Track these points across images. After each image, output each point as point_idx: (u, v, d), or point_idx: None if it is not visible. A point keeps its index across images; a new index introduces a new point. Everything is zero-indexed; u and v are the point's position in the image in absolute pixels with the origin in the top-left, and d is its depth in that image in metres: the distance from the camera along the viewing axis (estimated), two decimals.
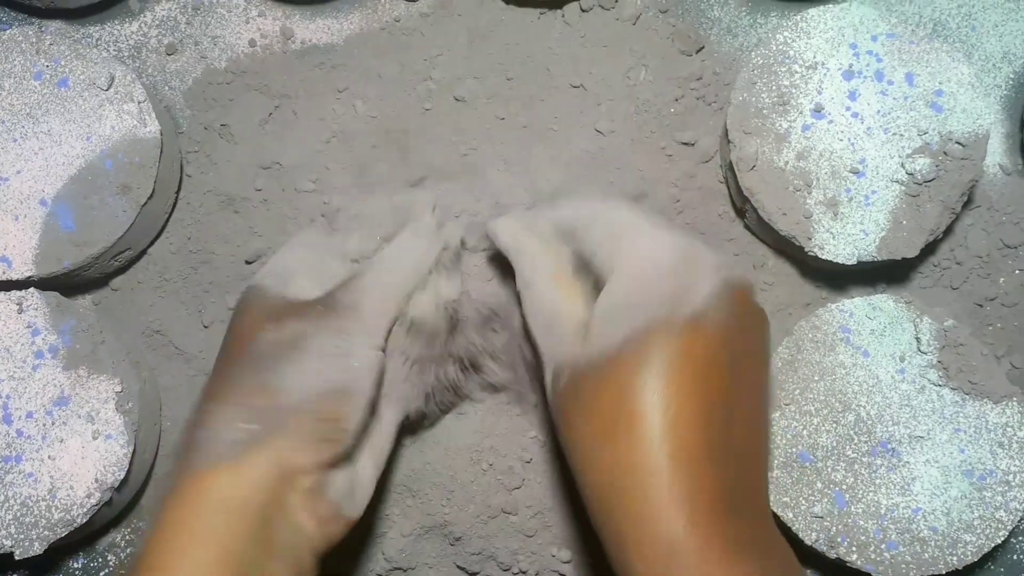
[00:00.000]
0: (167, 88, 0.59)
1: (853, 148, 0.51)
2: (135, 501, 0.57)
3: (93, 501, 0.50)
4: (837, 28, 0.53)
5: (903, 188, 0.51)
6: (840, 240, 0.51)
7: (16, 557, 0.50)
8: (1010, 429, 0.50)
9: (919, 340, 0.51)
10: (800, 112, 0.52)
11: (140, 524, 0.57)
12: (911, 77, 0.52)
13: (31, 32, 0.55)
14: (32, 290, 0.53)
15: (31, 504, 0.50)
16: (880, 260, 0.51)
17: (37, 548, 0.50)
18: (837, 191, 0.51)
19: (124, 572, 0.56)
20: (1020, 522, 0.54)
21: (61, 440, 0.51)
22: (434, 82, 0.56)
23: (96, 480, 0.51)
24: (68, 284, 0.56)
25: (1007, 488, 0.49)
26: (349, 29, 0.59)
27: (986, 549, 0.49)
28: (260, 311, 0.43)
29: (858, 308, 0.51)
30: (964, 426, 0.50)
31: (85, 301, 0.58)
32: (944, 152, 0.51)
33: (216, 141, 0.57)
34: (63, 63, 0.55)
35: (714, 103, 0.56)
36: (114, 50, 0.60)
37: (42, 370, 0.52)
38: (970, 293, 0.55)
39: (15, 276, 0.53)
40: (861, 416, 0.50)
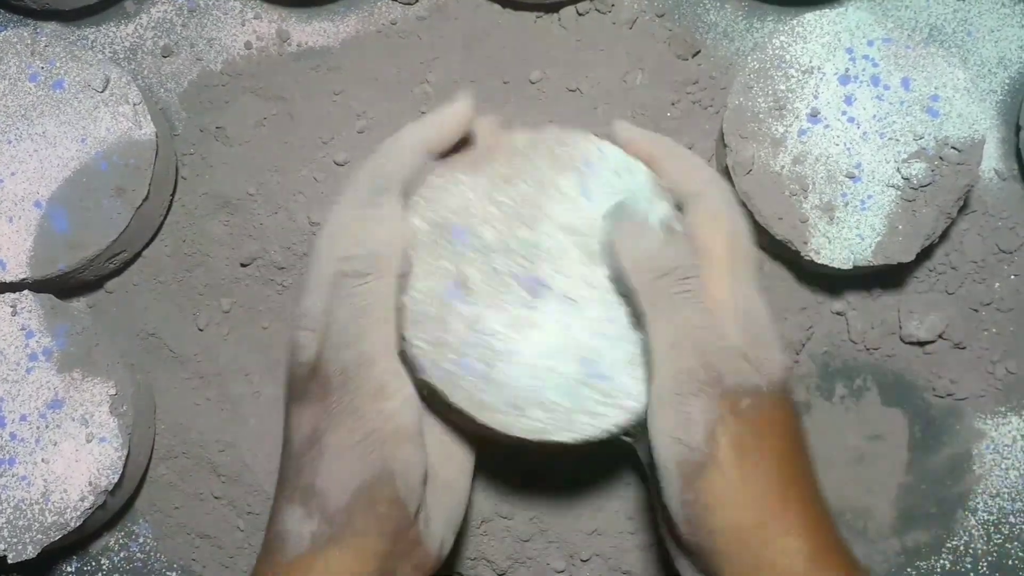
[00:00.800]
0: (163, 90, 0.59)
1: (849, 153, 0.52)
2: (129, 505, 0.56)
3: (87, 504, 0.50)
4: (833, 33, 0.53)
5: (899, 193, 0.51)
6: (836, 245, 0.51)
7: (9, 561, 0.49)
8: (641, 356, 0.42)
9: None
10: (796, 117, 0.52)
11: (134, 528, 0.57)
12: (907, 82, 0.52)
13: (26, 34, 0.55)
14: (26, 292, 0.53)
15: (24, 507, 0.50)
16: (876, 265, 0.51)
17: (30, 552, 0.50)
18: (833, 196, 0.51)
19: None
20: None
21: (55, 443, 0.51)
22: (430, 85, 0.56)
23: (90, 483, 0.50)
24: (63, 286, 0.56)
25: (605, 397, 0.41)
26: (345, 32, 0.59)
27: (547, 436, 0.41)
28: (290, 381, 0.41)
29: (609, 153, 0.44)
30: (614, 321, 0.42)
31: (80, 303, 0.58)
32: (940, 157, 0.51)
33: (212, 143, 0.57)
34: (58, 65, 0.55)
35: (710, 107, 0.56)
36: (109, 52, 0.60)
37: (36, 373, 0.52)
38: (966, 298, 0.55)
39: (9, 278, 0.53)
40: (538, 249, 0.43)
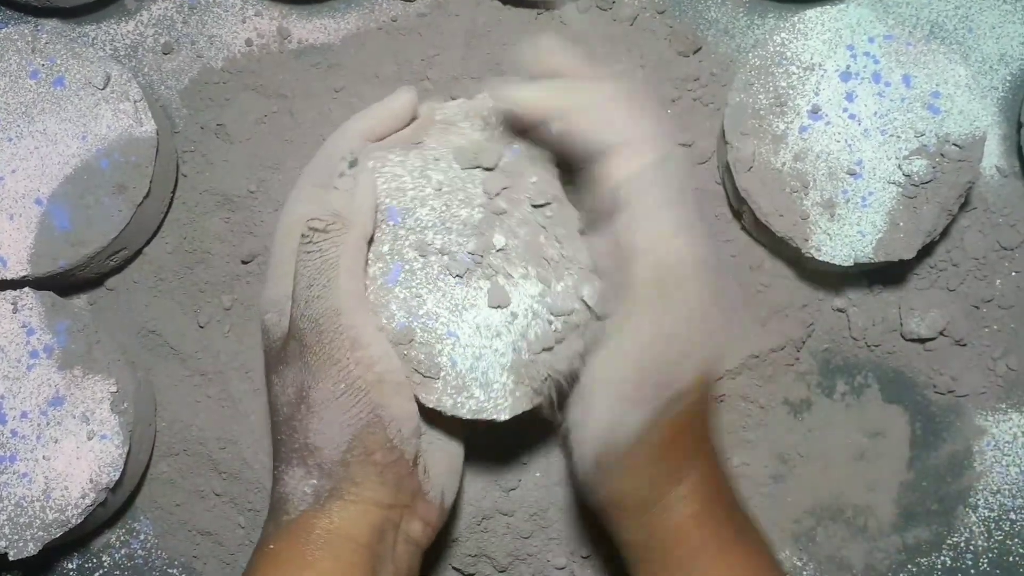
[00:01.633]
0: (163, 87, 0.59)
1: (850, 150, 0.51)
2: (130, 502, 0.56)
3: (88, 502, 0.50)
4: (834, 30, 0.53)
5: (900, 190, 0.51)
6: (837, 242, 0.51)
7: (10, 558, 0.50)
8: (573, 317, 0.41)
9: None
10: (797, 114, 0.52)
11: (135, 525, 0.57)
12: (908, 79, 0.52)
13: (27, 31, 0.55)
14: (27, 289, 0.53)
15: (25, 504, 0.50)
16: (877, 261, 0.51)
17: (31, 549, 0.50)
18: (834, 193, 0.51)
19: None
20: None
21: (56, 440, 0.51)
22: (431, 82, 0.56)
23: (91, 480, 0.50)
24: (63, 284, 0.56)
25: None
26: (346, 29, 0.59)
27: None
28: (267, 359, 0.42)
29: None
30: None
31: (80, 301, 0.58)
32: (941, 154, 0.51)
33: (212, 141, 0.57)
34: (59, 62, 0.55)
35: (711, 104, 0.56)
36: (110, 49, 0.60)
37: (37, 370, 0.52)
38: (967, 295, 0.55)
39: (10, 275, 0.53)
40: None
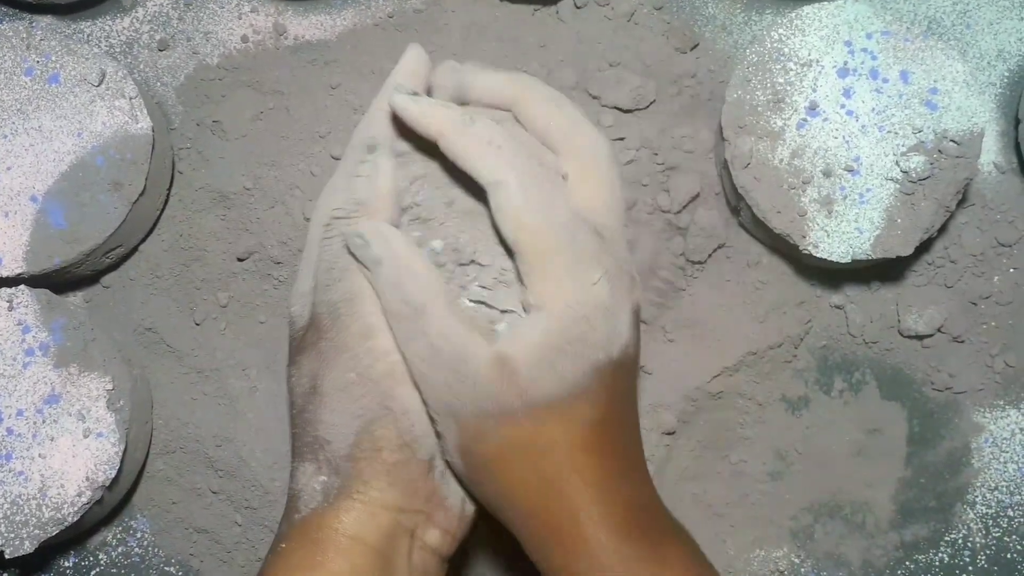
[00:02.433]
0: (159, 84, 0.59)
1: (848, 146, 0.51)
2: (126, 500, 0.56)
3: (84, 500, 0.50)
4: (832, 25, 0.53)
5: (898, 186, 0.51)
6: (835, 238, 0.51)
7: (7, 556, 0.49)
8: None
9: None
10: (795, 110, 0.52)
11: (131, 523, 0.57)
12: (906, 75, 0.52)
13: (21, 27, 0.55)
14: (22, 287, 0.53)
15: (21, 503, 0.50)
16: (875, 258, 0.51)
17: (28, 547, 0.50)
18: (831, 189, 0.51)
19: None
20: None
21: (52, 438, 0.51)
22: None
23: (87, 478, 0.50)
24: (59, 281, 0.56)
25: None
26: (342, 25, 0.59)
27: None
28: (289, 352, 0.42)
29: None
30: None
31: (76, 298, 0.58)
32: (939, 150, 0.51)
33: (208, 137, 0.57)
34: (54, 59, 0.54)
35: (709, 101, 0.56)
36: (105, 46, 0.60)
37: (32, 368, 0.52)
38: (964, 291, 0.55)
39: (5, 273, 0.53)
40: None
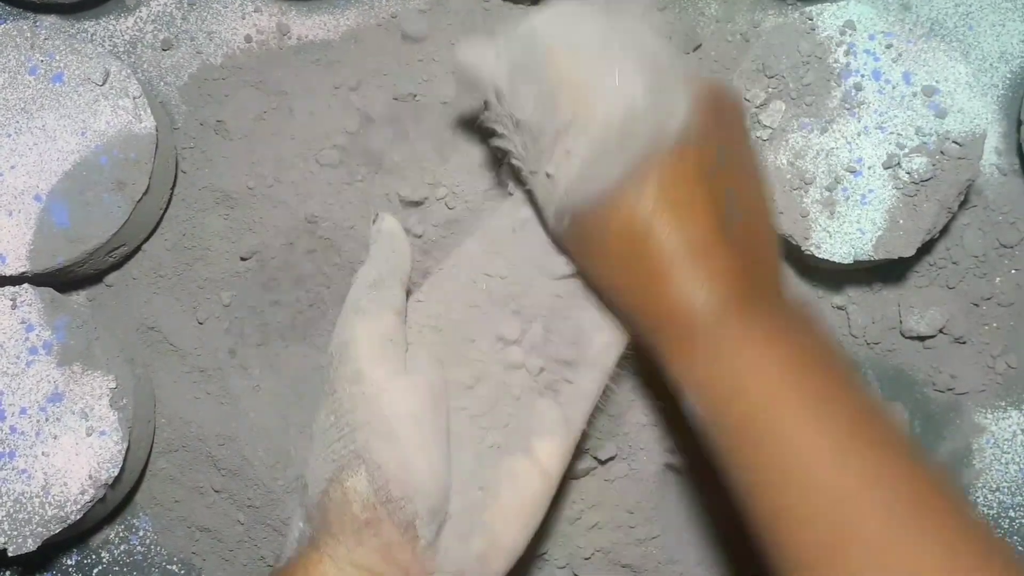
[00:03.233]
0: (163, 84, 0.59)
1: (850, 147, 0.51)
2: (129, 498, 0.57)
3: (87, 498, 0.50)
4: (834, 27, 0.53)
5: (900, 188, 0.51)
6: (837, 239, 0.51)
7: (9, 554, 0.50)
8: None
9: None
10: (797, 111, 0.52)
11: (134, 521, 0.57)
12: (908, 76, 0.52)
13: (26, 27, 0.55)
14: (26, 286, 0.53)
15: (24, 501, 0.50)
16: (876, 259, 0.51)
17: (30, 545, 0.50)
18: (834, 190, 0.51)
19: None
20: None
21: (55, 436, 0.51)
22: (431, 77, 0.56)
23: (90, 477, 0.50)
24: (62, 280, 0.56)
25: None
26: (345, 25, 0.59)
27: None
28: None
29: None
30: None
31: (79, 297, 0.58)
32: (941, 151, 0.51)
33: (212, 137, 0.57)
34: (58, 58, 0.54)
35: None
36: (109, 45, 0.60)
37: (36, 366, 0.52)
38: (966, 293, 0.55)
39: (9, 272, 0.53)
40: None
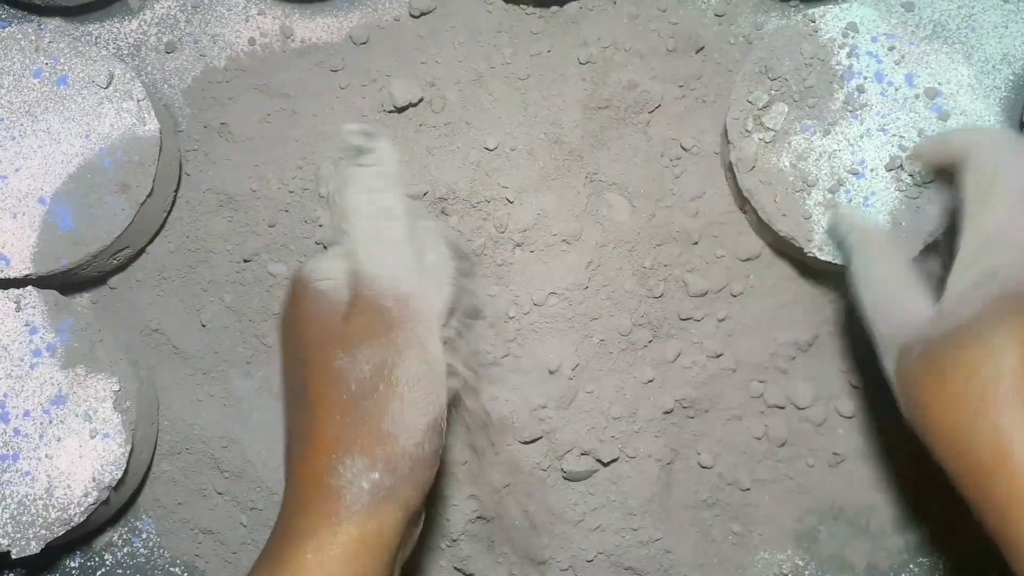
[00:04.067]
0: (166, 86, 0.59)
1: (852, 149, 0.51)
2: (132, 500, 0.57)
3: (90, 500, 0.50)
4: (837, 29, 0.53)
5: (902, 189, 0.51)
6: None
7: (13, 556, 0.50)
8: None
9: None
10: (799, 113, 0.52)
11: (137, 523, 0.57)
12: (911, 78, 0.52)
13: (30, 30, 0.55)
14: (30, 288, 0.53)
15: (28, 503, 0.50)
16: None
17: (34, 547, 0.50)
18: (836, 192, 0.51)
19: None
20: None
21: (58, 439, 0.51)
22: (433, 81, 0.56)
23: (93, 479, 0.51)
24: (66, 282, 0.56)
25: None
26: (348, 28, 0.59)
27: None
28: (324, 332, 0.41)
29: None
30: None
31: (83, 299, 0.58)
32: None
33: (215, 140, 0.57)
34: (62, 61, 0.55)
35: (715, 103, 0.56)
36: (113, 48, 0.60)
37: (40, 368, 0.52)
38: None
39: (13, 274, 0.53)
40: None
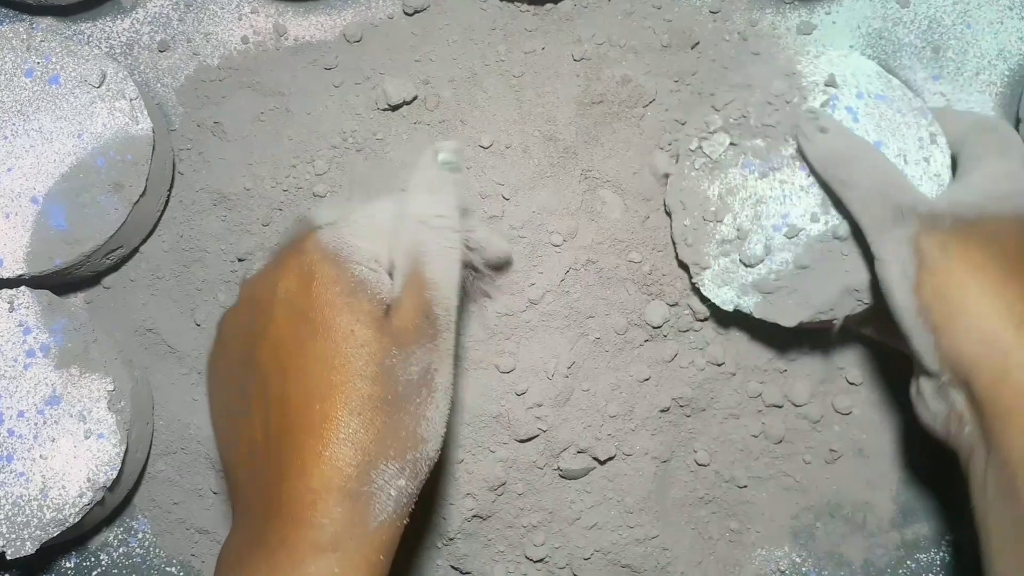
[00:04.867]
0: (159, 85, 0.59)
1: (783, 200, 0.49)
2: (127, 500, 0.56)
3: (85, 500, 0.50)
4: (822, 75, 0.49)
5: (806, 255, 0.49)
6: (725, 284, 0.50)
7: (8, 557, 0.49)
8: None
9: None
10: (748, 147, 0.50)
11: (132, 523, 0.57)
12: (879, 145, 0.48)
13: (22, 29, 0.55)
14: (23, 288, 0.53)
15: (23, 504, 0.50)
16: (755, 317, 0.50)
17: (29, 548, 0.50)
18: (745, 238, 0.49)
19: None
20: None
21: (53, 439, 0.51)
22: (428, 79, 0.56)
23: (88, 479, 0.50)
24: (60, 282, 0.56)
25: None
26: (342, 26, 0.59)
27: None
28: (370, 324, 0.38)
29: None
30: None
31: (77, 299, 0.58)
32: (837, 237, 0.48)
33: (209, 139, 0.57)
34: (54, 60, 0.54)
35: (711, 97, 0.56)
36: (106, 47, 0.60)
37: (33, 369, 0.52)
38: None
39: (6, 274, 0.53)
40: None
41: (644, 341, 0.54)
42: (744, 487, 0.55)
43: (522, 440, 0.53)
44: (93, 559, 0.57)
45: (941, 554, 0.55)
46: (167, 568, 0.56)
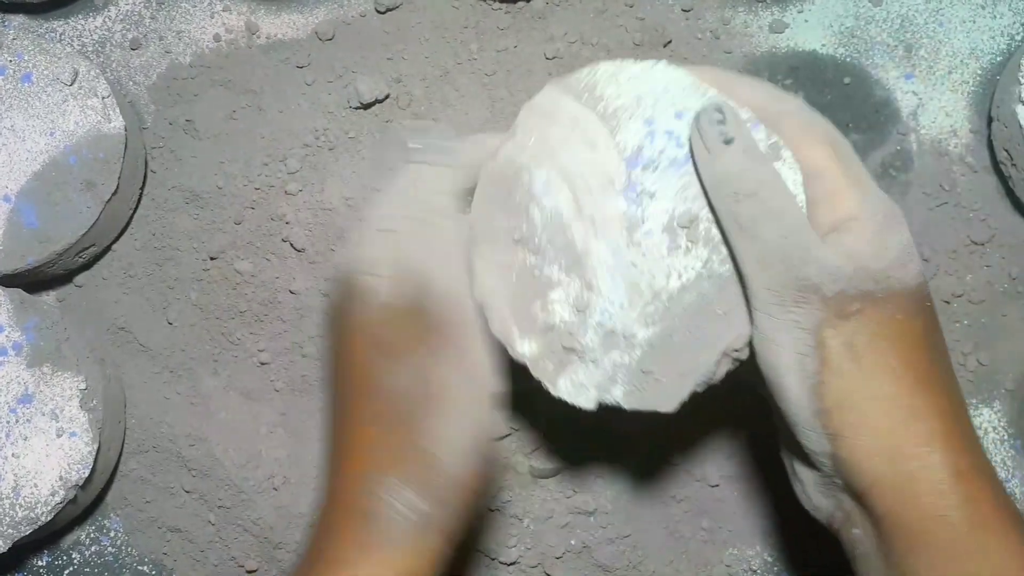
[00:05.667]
0: (131, 83, 0.59)
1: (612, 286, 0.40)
2: (99, 499, 0.56)
3: (57, 499, 0.50)
4: (633, 96, 0.39)
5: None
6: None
7: None
8: None
9: None
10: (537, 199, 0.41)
11: (104, 522, 0.57)
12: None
13: None
14: None
15: None
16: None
17: (1, 546, 0.50)
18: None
19: None
20: None
21: (25, 438, 0.51)
22: (400, 77, 0.56)
23: (60, 478, 0.50)
24: (32, 281, 0.56)
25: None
26: (314, 24, 0.58)
27: None
28: (365, 334, 0.38)
29: None
30: None
31: (49, 298, 0.58)
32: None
33: (181, 137, 0.57)
34: (26, 58, 0.54)
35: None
36: (78, 45, 0.60)
37: (5, 367, 0.51)
38: (937, 289, 0.55)
39: None
40: None
41: None
42: (716, 486, 0.55)
43: (494, 440, 0.53)
44: (65, 557, 0.57)
45: None
46: (139, 567, 0.56)
